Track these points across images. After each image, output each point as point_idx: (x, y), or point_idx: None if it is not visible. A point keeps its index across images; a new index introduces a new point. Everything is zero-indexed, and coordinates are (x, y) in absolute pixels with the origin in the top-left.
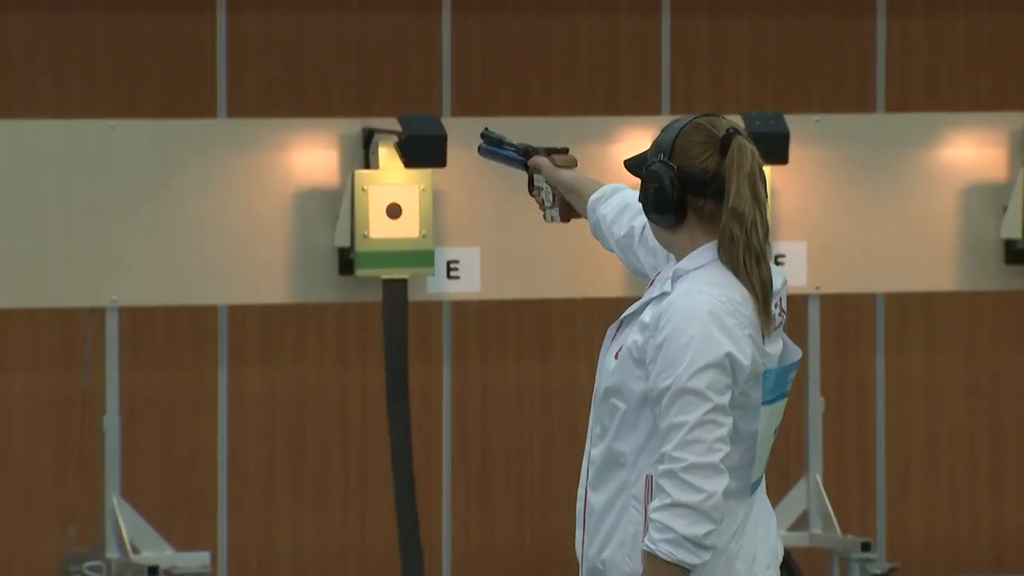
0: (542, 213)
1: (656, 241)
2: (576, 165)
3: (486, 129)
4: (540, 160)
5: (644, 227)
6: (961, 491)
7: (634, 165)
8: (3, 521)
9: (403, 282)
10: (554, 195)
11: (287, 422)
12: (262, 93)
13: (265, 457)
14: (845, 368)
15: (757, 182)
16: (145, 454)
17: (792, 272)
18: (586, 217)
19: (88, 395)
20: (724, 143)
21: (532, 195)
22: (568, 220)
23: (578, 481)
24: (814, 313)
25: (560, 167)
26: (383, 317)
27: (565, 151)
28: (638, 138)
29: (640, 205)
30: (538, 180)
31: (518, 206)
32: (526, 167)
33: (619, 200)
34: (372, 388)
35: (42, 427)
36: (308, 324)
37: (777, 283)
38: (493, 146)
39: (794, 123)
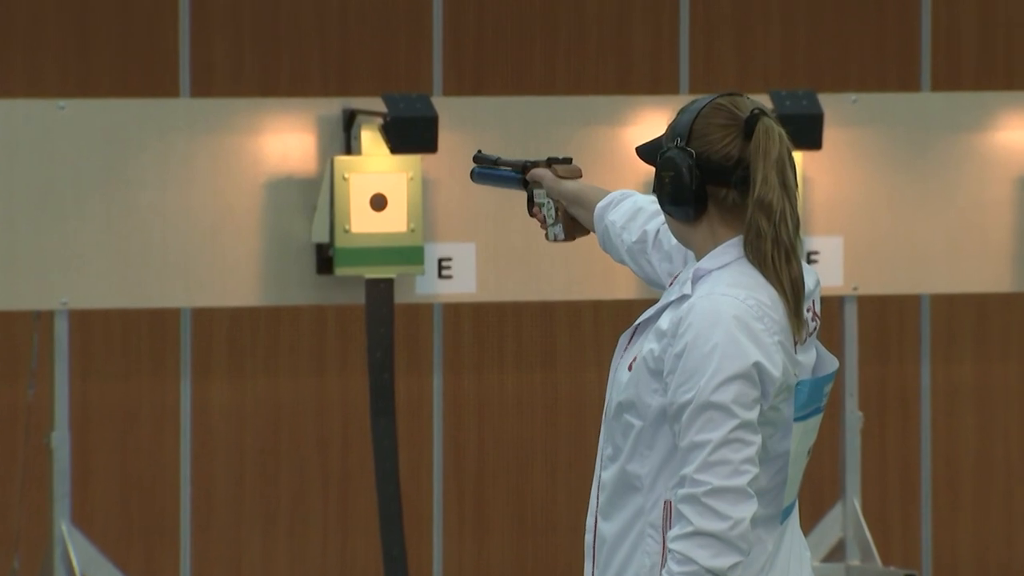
0: (544, 232)
1: (672, 244)
2: (581, 175)
3: (478, 152)
4: (540, 171)
5: (658, 231)
6: (1017, 517)
7: (647, 152)
8: None
9: (389, 282)
10: (557, 210)
11: (258, 439)
12: (230, 69)
13: (233, 478)
14: (886, 379)
15: (786, 169)
16: (99, 475)
17: (827, 271)
18: (593, 230)
19: (34, 409)
20: (749, 126)
21: (532, 214)
22: (573, 238)
23: (586, 508)
24: (851, 317)
25: (563, 178)
26: (366, 321)
27: (568, 161)
28: (653, 121)
29: (654, 209)
30: (538, 195)
31: (518, 198)
32: (525, 184)
33: (630, 205)
34: (354, 401)
35: None
36: (282, 329)
37: (810, 283)
38: (486, 168)
39: (829, 103)
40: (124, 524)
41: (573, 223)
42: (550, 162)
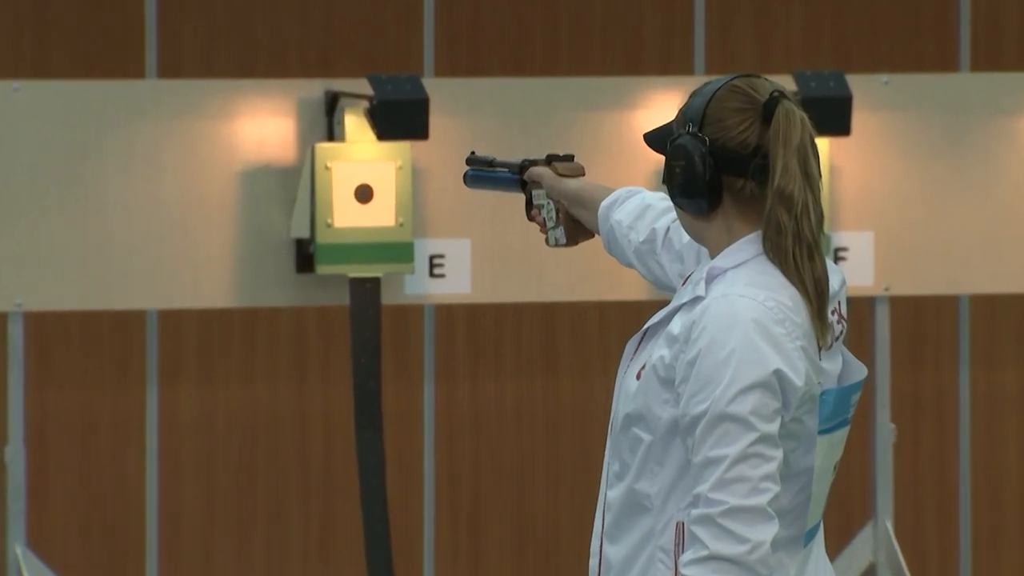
0: (544, 237)
1: (683, 243)
2: (584, 173)
3: (472, 153)
4: (539, 170)
5: (668, 229)
6: None
7: (657, 139)
8: None
9: (375, 281)
10: (558, 212)
11: (232, 453)
12: (201, 48)
13: (205, 496)
14: (921, 388)
15: (809, 157)
16: (57, 493)
17: (855, 269)
18: (597, 232)
19: None
20: (768, 110)
21: (531, 217)
22: (576, 242)
23: (591, 529)
24: (883, 320)
25: (564, 176)
26: (351, 324)
27: (570, 158)
28: (664, 104)
29: (664, 206)
30: (537, 196)
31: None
32: (523, 185)
33: (637, 202)
34: (337, 412)
35: None
36: (258, 333)
37: (835, 283)
38: (481, 170)
39: (858, 85)
40: (85, 547)
41: (575, 225)
42: (550, 160)
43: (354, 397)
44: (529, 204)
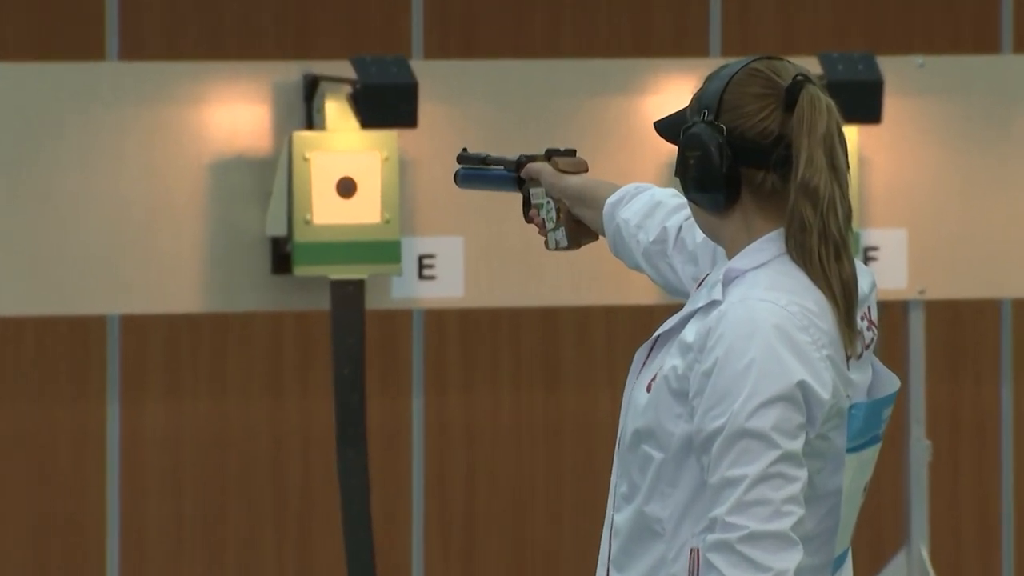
0: (543, 239)
1: (697, 243)
2: (587, 169)
3: (463, 150)
4: (537, 166)
5: (680, 228)
6: None
7: (668, 127)
8: None
9: (359, 284)
10: (558, 212)
11: (201, 473)
12: (166, 27)
13: (170, 518)
14: (960, 401)
15: (836, 147)
16: (10, 516)
17: (887, 271)
18: (602, 233)
19: None
20: (791, 95)
21: (529, 218)
22: (579, 245)
23: (596, 557)
24: (917, 326)
25: (565, 173)
26: (332, 331)
27: (572, 153)
28: (677, 89)
29: (676, 203)
30: (535, 195)
31: None
32: (520, 184)
33: (646, 199)
34: (316, 428)
35: None
36: (230, 341)
37: (864, 286)
38: (473, 168)
39: (890, 67)
40: (41, 570)
41: (578, 226)
42: (549, 155)
43: (335, 412)
44: (527, 204)
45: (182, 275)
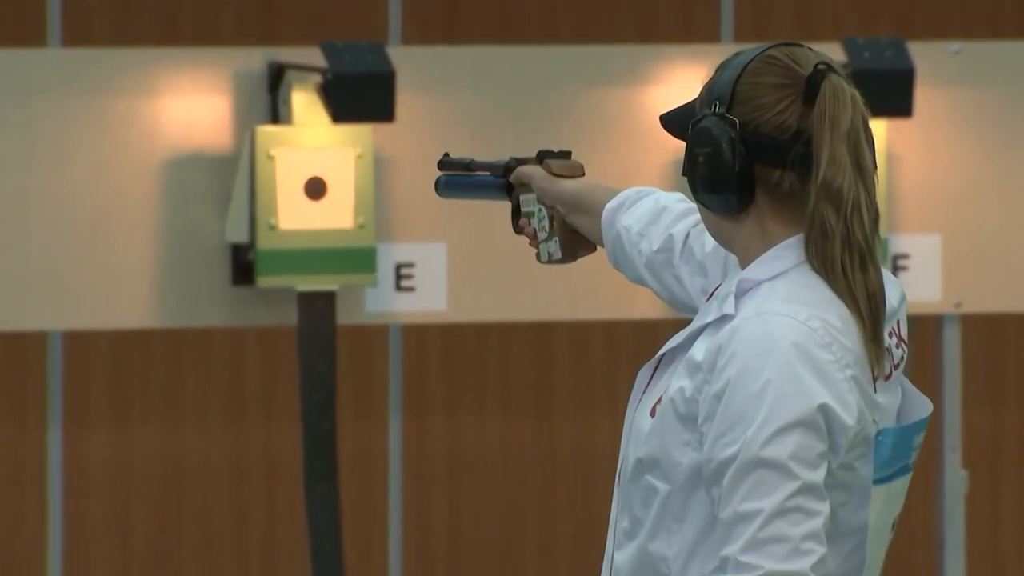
0: (535, 251)
1: (706, 252)
2: (583, 173)
3: (445, 155)
4: (528, 169)
5: (688, 235)
6: None
7: (676, 121)
8: None
9: (330, 297)
10: (551, 220)
11: (152, 508)
12: (115, 9)
13: (118, 559)
14: (1000, 427)
15: (861, 144)
16: None
17: (919, 282)
18: (600, 244)
19: None
20: (811, 86)
21: (519, 228)
22: (575, 256)
23: None
24: (953, 344)
25: (559, 176)
26: (299, 351)
27: (566, 155)
28: (685, 78)
29: (683, 208)
30: (526, 202)
31: None
32: (509, 190)
33: (650, 204)
34: (282, 457)
35: None
36: (185, 360)
37: (893, 299)
38: (457, 175)
39: (922, 54)
40: None
41: (573, 236)
42: (541, 157)
43: (303, 444)
44: (516, 212)
45: (132, 286)
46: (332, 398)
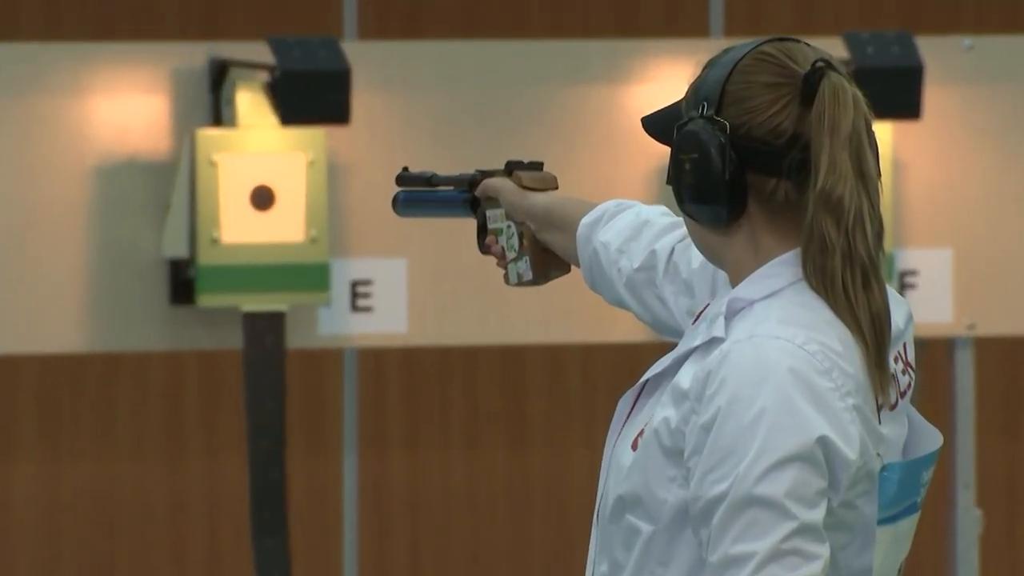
0: (503, 272)
1: (693, 269)
2: (556, 186)
3: (404, 169)
4: (495, 182)
5: (672, 251)
6: None
7: (659, 124)
8: None
9: (278, 317)
10: (521, 238)
11: (81, 549)
12: (43, 3)
13: None
14: (1017, 461)
15: (864, 149)
16: None
17: (928, 301)
18: (575, 263)
19: None
20: (809, 85)
21: (485, 247)
22: (547, 278)
23: None
24: (965, 369)
25: (529, 189)
26: (245, 382)
27: (538, 167)
28: (671, 76)
29: (667, 222)
30: (493, 218)
31: None
32: (475, 205)
33: (630, 219)
34: (226, 495)
35: None
36: (119, 387)
37: (899, 320)
38: (417, 191)
39: (931, 50)
40: None
41: (545, 255)
42: (510, 169)
43: (250, 493)
44: (483, 230)
45: (60, 306)
46: (281, 441)
